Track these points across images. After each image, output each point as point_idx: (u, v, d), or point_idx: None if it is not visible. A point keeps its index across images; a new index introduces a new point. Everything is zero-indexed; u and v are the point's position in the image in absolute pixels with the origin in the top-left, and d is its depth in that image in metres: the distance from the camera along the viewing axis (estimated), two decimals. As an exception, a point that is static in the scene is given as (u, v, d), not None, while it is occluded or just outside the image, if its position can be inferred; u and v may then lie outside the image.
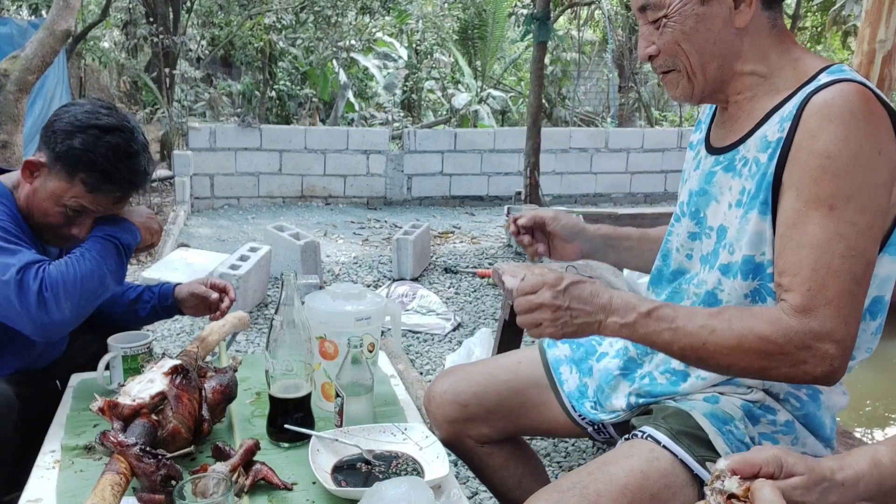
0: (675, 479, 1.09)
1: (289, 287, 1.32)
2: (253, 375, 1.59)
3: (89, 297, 1.40)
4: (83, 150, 1.42)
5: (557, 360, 1.45)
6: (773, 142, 1.08)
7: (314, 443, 1.25)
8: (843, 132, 1.00)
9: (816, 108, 1.02)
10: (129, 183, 1.49)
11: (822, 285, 0.99)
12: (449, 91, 11.35)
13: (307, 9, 9.24)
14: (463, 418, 1.45)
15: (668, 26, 1.12)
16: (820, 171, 1.01)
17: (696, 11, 1.10)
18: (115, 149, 1.44)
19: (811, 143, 1.02)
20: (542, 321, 1.11)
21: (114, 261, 1.47)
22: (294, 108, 10.35)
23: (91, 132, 1.43)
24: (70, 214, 1.48)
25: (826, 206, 1.00)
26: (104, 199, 1.49)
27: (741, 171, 1.14)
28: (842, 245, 0.99)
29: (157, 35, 8.02)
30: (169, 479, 1.08)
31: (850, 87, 1.02)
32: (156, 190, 6.91)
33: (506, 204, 6.34)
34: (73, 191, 1.45)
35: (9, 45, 6.16)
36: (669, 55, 1.14)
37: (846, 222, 1.00)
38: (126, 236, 1.52)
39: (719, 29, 1.11)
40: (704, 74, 1.14)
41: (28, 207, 1.49)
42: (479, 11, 10.74)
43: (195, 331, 3.54)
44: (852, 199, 1.00)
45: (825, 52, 11.96)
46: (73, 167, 1.43)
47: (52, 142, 1.44)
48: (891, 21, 3.07)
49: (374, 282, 4.54)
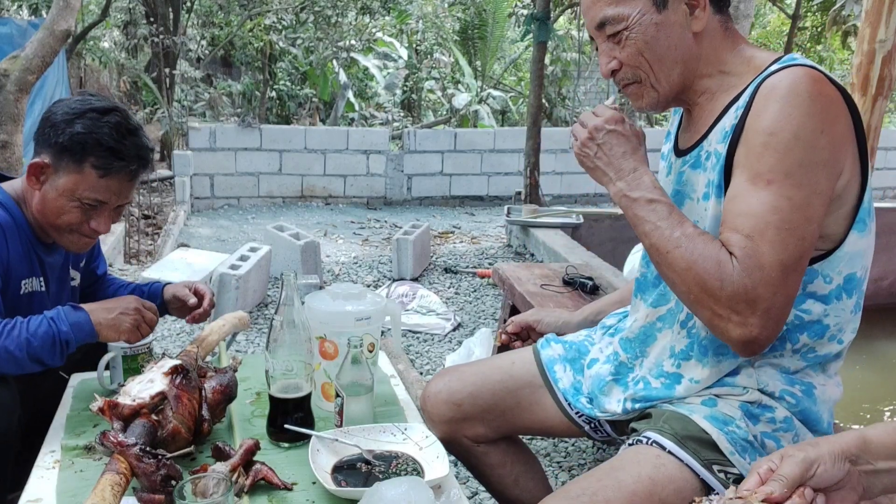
0: (684, 483, 1.10)
1: (289, 287, 1.32)
2: (253, 375, 1.58)
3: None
4: (87, 133, 1.41)
5: (551, 360, 1.45)
6: (728, 130, 1.11)
7: (314, 443, 1.25)
8: (787, 110, 1.03)
9: (766, 91, 1.06)
10: (138, 157, 1.48)
11: (755, 250, 1.01)
12: (449, 91, 11.36)
13: (307, 9, 9.24)
14: (458, 418, 1.45)
15: (630, 38, 1.14)
16: (762, 148, 1.04)
17: (655, 20, 1.13)
18: (116, 126, 1.44)
19: (756, 123, 1.05)
20: (577, 137, 1.18)
21: (42, 349, 1.33)
22: (294, 108, 10.36)
23: (90, 115, 1.43)
24: (86, 209, 1.46)
25: (764, 180, 1.03)
26: (117, 183, 1.46)
27: (705, 164, 1.17)
28: (776, 217, 1.02)
29: (157, 35, 8.03)
30: (169, 479, 1.08)
31: (798, 69, 1.05)
32: (156, 190, 6.91)
33: (506, 204, 6.34)
34: (85, 181, 1.43)
35: (9, 45, 6.15)
36: (633, 67, 1.17)
37: (782, 196, 1.02)
38: (69, 331, 1.36)
39: (678, 35, 1.14)
40: (668, 81, 1.17)
41: (42, 213, 1.47)
42: (479, 11, 10.75)
43: (195, 331, 3.53)
44: (790, 175, 1.02)
45: (825, 52, 11.97)
46: (80, 153, 1.42)
47: (51, 136, 1.43)
48: (891, 21, 3.07)
49: (374, 282, 4.54)
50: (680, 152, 1.26)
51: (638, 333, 1.30)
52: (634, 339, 1.31)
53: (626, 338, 1.33)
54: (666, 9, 1.13)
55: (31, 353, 1.32)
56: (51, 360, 1.35)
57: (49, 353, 1.34)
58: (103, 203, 1.48)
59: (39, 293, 1.53)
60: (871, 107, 3.16)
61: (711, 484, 1.10)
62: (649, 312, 1.29)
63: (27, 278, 1.49)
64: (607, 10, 1.15)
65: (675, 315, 1.24)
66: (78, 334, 1.37)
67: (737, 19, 5.88)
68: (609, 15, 1.15)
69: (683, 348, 1.22)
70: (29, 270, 1.49)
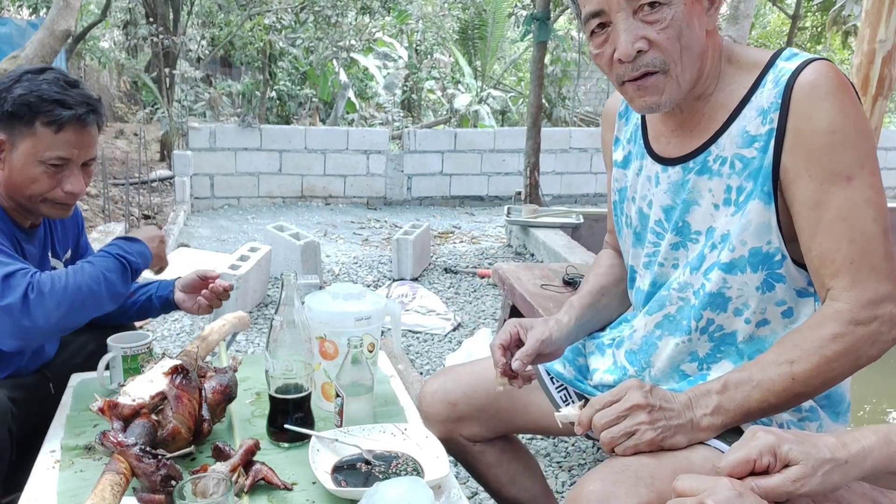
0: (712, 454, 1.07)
1: (289, 287, 1.32)
2: (253, 375, 1.59)
3: (78, 309, 1.36)
4: (28, 92, 1.40)
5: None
6: (761, 135, 1.07)
7: (314, 443, 1.25)
8: (839, 105, 1.02)
9: (805, 91, 1.03)
10: (86, 104, 1.46)
11: (862, 253, 1.02)
12: (449, 91, 11.36)
13: (307, 9, 9.25)
14: (453, 418, 1.45)
15: (675, 18, 1.02)
16: (830, 147, 1.02)
17: (693, 7, 1.04)
18: (55, 81, 1.44)
19: (811, 125, 1.03)
20: (638, 427, 1.03)
21: (117, 279, 1.44)
22: (294, 108, 10.36)
23: (26, 76, 1.43)
24: (53, 172, 1.45)
25: (844, 178, 1.02)
26: (73, 135, 1.44)
27: (720, 170, 1.12)
28: (870, 209, 1.02)
29: (157, 35, 8.03)
30: (169, 479, 1.08)
31: (821, 65, 1.04)
32: (156, 190, 6.91)
33: (506, 204, 6.34)
34: (42, 141, 1.42)
35: (9, 45, 6.16)
36: (666, 52, 1.04)
37: (867, 186, 1.02)
38: (137, 259, 1.51)
39: (701, 29, 1.06)
40: (691, 77, 1.08)
41: (13, 189, 1.45)
42: (479, 11, 10.75)
43: (195, 331, 3.54)
44: (864, 164, 1.03)
45: (825, 53, 11.97)
46: (29, 115, 1.40)
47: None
48: (891, 21, 3.07)
49: (374, 282, 4.54)
50: (672, 160, 1.18)
51: (641, 345, 1.27)
52: (639, 351, 1.28)
53: (630, 350, 1.30)
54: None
55: (108, 286, 1.42)
56: (124, 289, 1.48)
57: (123, 281, 1.46)
58: (67, 160, 1.45)
59: None
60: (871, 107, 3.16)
61: None
62: (647, 321, 1.26)
63: None
64: None
65: (675, 321, 1.21)
66: (143, 261, 1.54)
67: (737, 19, 5.88)
68: None
69: (709, 352, 1.20)
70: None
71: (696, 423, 1.05)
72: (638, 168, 1.26)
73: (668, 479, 1.01)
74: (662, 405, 1.04)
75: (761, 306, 1.13)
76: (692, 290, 1.17)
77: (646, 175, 1.24)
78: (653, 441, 1.03)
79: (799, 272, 1.11)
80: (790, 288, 1.12)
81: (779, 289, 1.12)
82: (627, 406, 1.03)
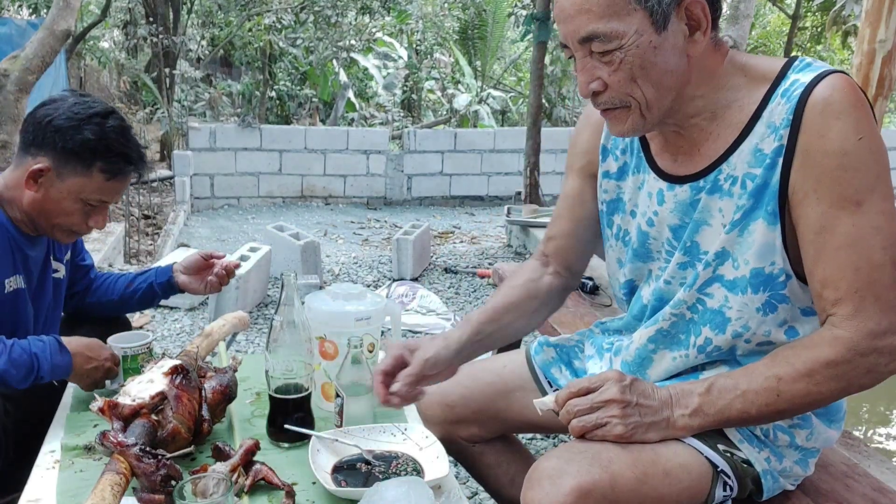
0: (689, 458, 1.07)
1: (289, 287, 1.32)
2: (253, 375, 1.58)
3: None
4: (98, 139, 1.45)
5: (546, 364, 1.43)
6: (771, 152, 1.03)
7: (314, 443, 1.25)
8: (853, 125, 0.97)
9: (818, 108, 0.98)
10: (140, 159, 1.54)
11: (868, 282, 0.98)
12: (449, 91, 11.36)
13: (307, 9, 9.25)
14: (451, 419, 1.45)
15: (624, 61, 1.00)
16: (840, 170, 0.98)
17: (653, 42, 0.99)
18: (120, 131, 1.49)
19: (822, 144, 0.98)
20: (608, 420, 1.03)
21: (16, 377, 1.34)
22: (294, 108, 10.36)
23: (95, 121, 1.46)
24: (90, 209, 1.51)
25: (853, 203, 0.98)
26: (121, 184, 1.53)
27: (731, 190, 1.07)
28: (879, 237, 0.98)
29: (157, 35, 8.04)
30: (169, 479, 1.08)
31: (837, 79, 0.99)
32: (156, 190, 6.91)
33: (506, 204, 6.34)
34: (92, 184, 1.48)
35: (8, 45, 6.16)
36: (621, 92, 1.03)
37: (877, 213, 0.98)
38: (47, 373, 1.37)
39: (675, 59, 1.01)
40: (660, 108, 1.05)
41: (39, 212, 1.49)
42: (479, 11, 10.76)
43: (195, 331, 3.54)
44: (876, 188, 0.98)
45: (825, 53, 11.97)
46: (90, 159, 1.45)
47: (56, 141, 1.44)
48: (891, 21, 3.07)
49: (374, 282, 4.54)
50: (681, 179, 1.13)
51: (634, 357, 1.26)
52: (633, 363, 1.26)
53: (625, 361, 1.29)
54: (665, 30, 0.99)
55: (4, 380, 1.33)
56: (17, 386, 1.35)
57: (20, 382, 1.35)
58: (106, 203, 1.53)
59: (22, 290, 1.53)
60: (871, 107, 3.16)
61: (716, 462, 1.08)
62: (641, 334, 1.24)
63: (10, 277, 1.49)
64: (598, 24, 0.98)
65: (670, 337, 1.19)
66: (53, 377, 1.39)
67: (737, 19, 5.89)
68: (600, 31, 0.98)
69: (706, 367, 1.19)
70: (12, 269, 1.50)
71: (672, 422, 1.05)
72: (639, 182, 1.21)
73: (627, 465, 1.02)
74: (640, 401, 1.05)
75: (763, 328, 1.10)
76: (694, 307, 1.15)
77: (647, 191, 1.19)
78: (621, 436, 1.03)
79: (804, 291, 1.07)
80: (794, 307, 1.09)
81: (781, 309, 1.09)
82: (603, 399, 1.04)
